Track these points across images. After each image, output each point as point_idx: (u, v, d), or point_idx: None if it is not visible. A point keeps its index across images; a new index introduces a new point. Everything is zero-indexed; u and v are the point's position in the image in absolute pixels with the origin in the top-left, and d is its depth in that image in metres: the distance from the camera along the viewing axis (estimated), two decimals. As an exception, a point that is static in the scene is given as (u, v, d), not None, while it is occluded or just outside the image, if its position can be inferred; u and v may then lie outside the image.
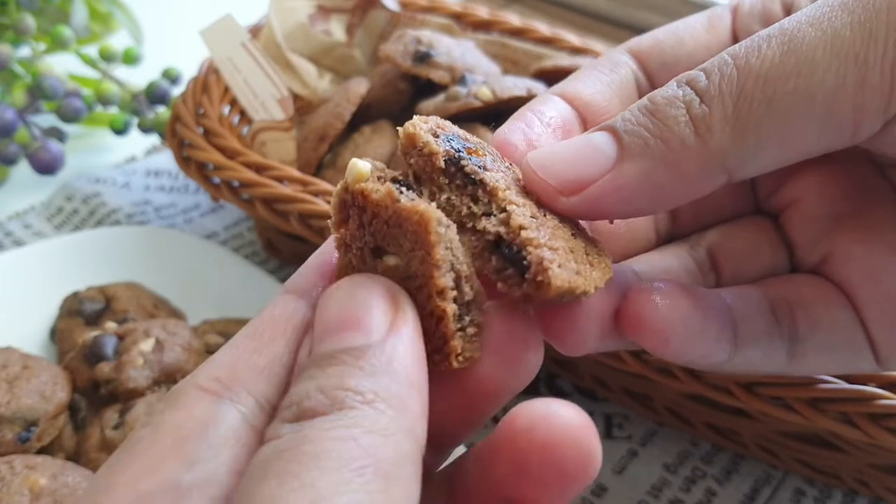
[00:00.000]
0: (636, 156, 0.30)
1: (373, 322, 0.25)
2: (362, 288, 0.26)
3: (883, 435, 0.43)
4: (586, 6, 1.16)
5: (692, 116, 0.29)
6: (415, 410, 0.24)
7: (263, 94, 0.66)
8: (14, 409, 0.50)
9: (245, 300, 0.63)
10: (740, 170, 0.30)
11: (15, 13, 0.80)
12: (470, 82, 0.62)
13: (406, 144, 0.30)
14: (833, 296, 0.36)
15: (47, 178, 0.78)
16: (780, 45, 0.29)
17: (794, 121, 0.29)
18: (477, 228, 0.29)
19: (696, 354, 0.33)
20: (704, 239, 0.39)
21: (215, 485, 0.23)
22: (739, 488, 0.55)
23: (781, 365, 0.35)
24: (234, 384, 0.25)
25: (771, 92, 0.29)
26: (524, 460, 0.25)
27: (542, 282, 0.27)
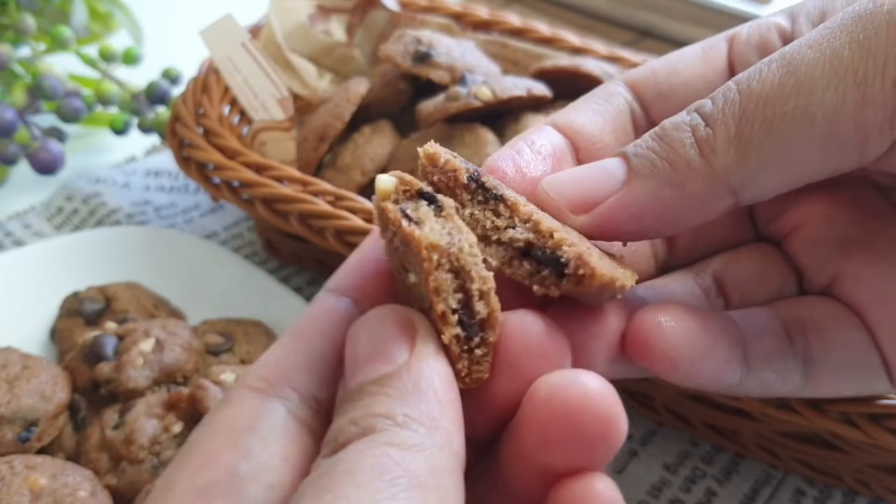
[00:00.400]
0: (643, 176, 0.31)
1: (394, 349, 0.26)
2: (378, 321, 0.27)
3: (883, 435, 0.43)
4: (586, 6, 1.16)
5: (697, 139, 0.30)
6: (447, 425, 0.25)
7: (263, 94, 0.66)
8: (14, 409, 0.50)
9: (245, 300, 0.63)
10: (746, 191, 0.30)
11: (15, 13, 0.80)
12: (470, 82, 0.62)
13: (427, 164, 0.30)
14: (846, 316, 0.35)
15: (47, 178, 0.78)
16: (780, 67, 0.30)
17: (794, 140, 0.29)
18: (502, 240, 0.30)
19: (706, 377, 0.32)
20: (710, 266, 0.39)
21: (269, 473, 0.25)
22: (739, 488, 0.55)
23: (796, 387, 0.35)
24: (278, 381, 0.27)
25: (771, 113, 0.29)
26: (547, 430, 0.25)
27: (584, 274, 0.28)
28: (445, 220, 0.28)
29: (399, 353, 0.26)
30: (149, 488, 0.47)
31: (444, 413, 0.25)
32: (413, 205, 0.28)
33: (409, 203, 0.28)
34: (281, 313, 0.62)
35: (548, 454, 0.26)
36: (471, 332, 0.27)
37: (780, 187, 0.31)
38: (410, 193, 0.29)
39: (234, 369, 0.53)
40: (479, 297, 0.27)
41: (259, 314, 0.62)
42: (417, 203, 0.28)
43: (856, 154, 0.30)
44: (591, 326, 0.31)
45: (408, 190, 0.29)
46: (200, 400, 0.50)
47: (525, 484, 0.27)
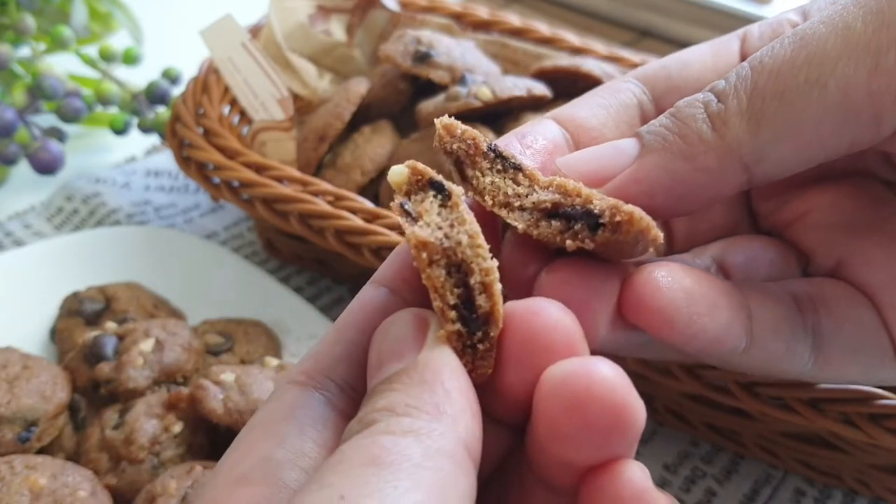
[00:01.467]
0: (655, 150, 0.31)
1: (403, 348, 0.26)
2: (395, 324, 0.27)
3: (883, 435, 0.43)
4: (586, 6, 1.16)
5: (709, 114, 0.30)
6: (451, 412, 0.24)
7: (263, 94, 0.66)
8: (14, 409, 0.50)
9: (245, 300, 0.63)
10: (759, 165, 0.30)
11: (15, 13, 0.80)
12: (470, 82, 0.62)
13: (444, 135, 0.31)
14: (856, 297, 0.35)
15: (47, 178, 0.78)
16: (792, 42, 0.30)
17: (807, 110, 0.29)
18: (525, 206, 0.30)
19: (706, 340, 0.31)
20: (707, 250, 0.38)
21: (305, 458, 0.26)
22: (739, 488, 0.55)
23: (804, 364, 0.34)
24: (317, 374, 0.28)
25: (783, 85, 0.29)
26: (557, 426, 0.25)
27: (621, 221, 0.28)
28: (451, 211, 0.28)
29: (408, 351, 0.26)
30: (149, 488, 0.47)
31: (449, 401, 0.25)
32: (420, 196, 0.28)
33: (419, 194, 0.28)
34: (281, 313, 0.62)
35: (562, 449, 0.25)
36: (473, 327, 0.27)
37: (794, 163, 0.30)
38: (422, 183, 0.29)
39: (234, 369, 0.53)
40: (481, 290, 0.27)
41: (259, 314, 0.62)
42: (425, 194, 0.28)
43: (871, 126, 0.29)
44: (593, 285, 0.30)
45: (420, 179, 0.29)
46: (200, 400, 0.50)
47: (555, 475, 0.27)
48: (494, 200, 0.30)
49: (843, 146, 0.30)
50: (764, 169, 0.30)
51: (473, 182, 0.31)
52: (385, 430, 0.24)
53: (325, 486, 0.22)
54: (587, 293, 0.29)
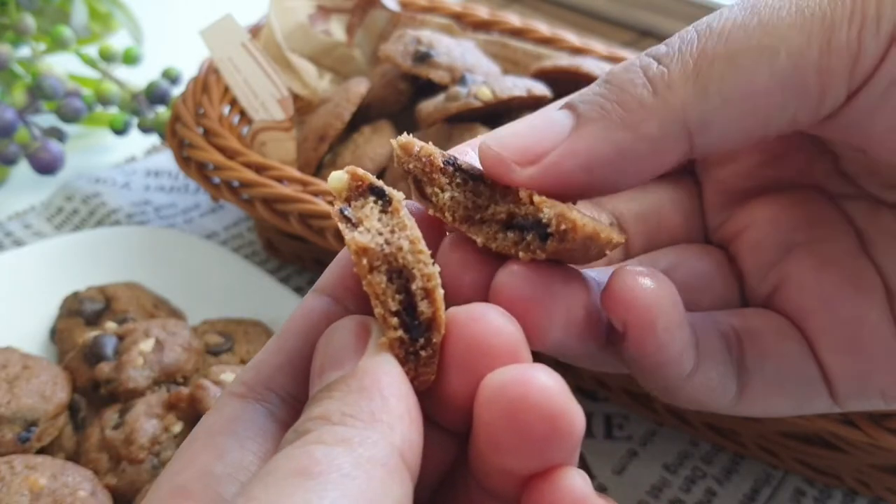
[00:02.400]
0: (593, 120, 0.29)
1: (344, 356, 0.26)
2: (333, 332, 0.27)
3: (883, 435, 0.43)
4: (586, 6, 1.16)
5: (649, 78, 0.29)
6: (387, 419, 0.24)
7: (263, 94, 0.66)
8: (14, 409, 0.50)
9: (245, 300, 0.63)
10: (703, 133, 0.28)
11: (15, 13, 0.80)
12: (470, 82, 0.62)
13: (402, 154, 0.30)
14: (785, 328, 0.34)
15: (47, 178, 0.78)
16: (743, 8, 0.29)
17: (757, 75, 0.28)
18: (485, 218, 0.29)
19: (668, 355, 0.30)
20: (659, 263, 0.36)
21: (245, 472, 0.25)
22: (739, 488, 0.55)
23: (731, 398, 0.33)
24: (258, 385, 0.28)
25: (733, 47, 0.28)
26: (494, 432, 0.25)
27: (566, 229, 0.27)
28: (392, 216, 0.28)
29: (350, 359, 0.26)
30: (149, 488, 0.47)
31: (385, 408, 0.24)
32: (361, 202, 0.28)
33: (360, 200, 0.28)
34: (281, 313, 0.62)
35: (501, 457, 0.25)
36: (415, 333, 0.26)
37: (737, 134, 0.29)
38: (363, 188, 0.28)
39: (234, 369, 0.53)
40: (423, 296, 0.27)
41: (259, 314, 0.62)
42: (366, 200, 0.28)
43: (815, 103, 0.28)
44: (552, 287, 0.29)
45: (360, 185, 0.28)
46: (200, 400, 0.50)
47: (497, 483, 0.26)
48: (455, 216, 0.30)
49: (785, 120, 0.29)
50: (707, 137, 0.29)
51: (433, 199, 0.30)
52: (317, 440, 0.23)
53: (251, 500, 0.22)
54: (546, 292, 0.28)
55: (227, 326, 0.60)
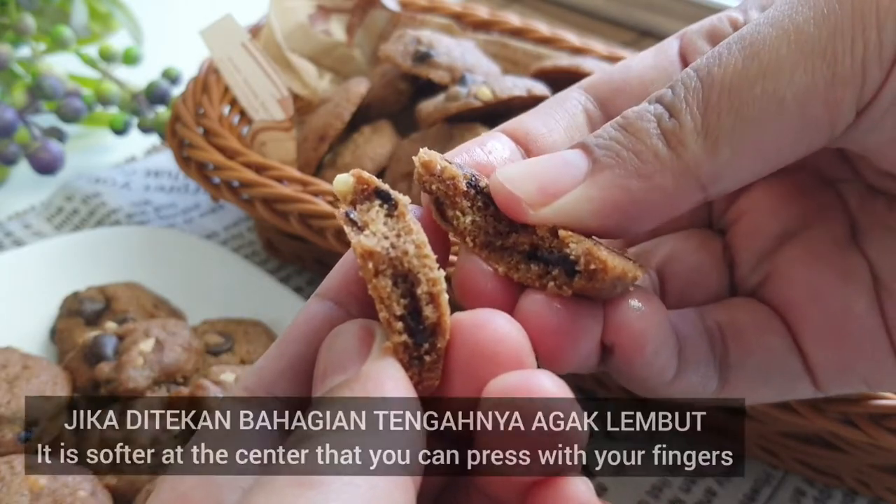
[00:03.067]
0: (609, 167, 0.29)
1: (347, 360, 0.26)
2: (340, 335, 0.27)
3: (883, 435, 0.43)
4: (586, 6, 1.16)
5: (663, 130, 0.29)
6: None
7: (263, 94, 0.66)
8: (14, 409, 0.50)
9: (245, 300, 0.63)
10: (717, 184, 0.29)
11: (15, 13, 0.80)
12: (470, 82, 0.62)
13: (423, 172, 0.30)
14: (769, 321, 0.34)
15: (47, 178, 0.78)
16: (741, 50, 0.29)
17: (767, 126, 0.28)
18: (506, 245, 0.29)
19: (654, 369, 0.31)
20: (655, 257, 0.37)
21: (247, 479, 0.25)
22: (739, 488, 0.55)
23: (711, 391, 0.34)
24: (259, 390, 0.28)
25: (738, 100, 0.28)
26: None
27: (596, 269, 0.27)
28: (397, 220, 0.27)
29: (354, 363, 0.26)
30: (149, 488, 0.47)
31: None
32: (366, 205, 0.28)
33: (365, 203, 0.28)
34: (281, 313, 0.62)
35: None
36: (419, 338, 0.26)
37: (751, 177, 0.30)
38: (368, 192, 0.28)
39: (234, 369, 0.53)
40: (428, 301, 0.26)
41: (259, 314, 0.62)
42: (371, 203, 0.28)
43: (826, 132, 0.29)
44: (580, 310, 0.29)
45: (365, 188, 0.28)
46: (200, 400, 0.50)
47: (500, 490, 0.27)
48: (475, 241, 0.30)
49: (798, 154, 0.29)
50: (721, 186, 0.29)
51: (454, 223, 0.30)
52: (319, 446, 0.23)
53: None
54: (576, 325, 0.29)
55: (227, 326, 0.60)
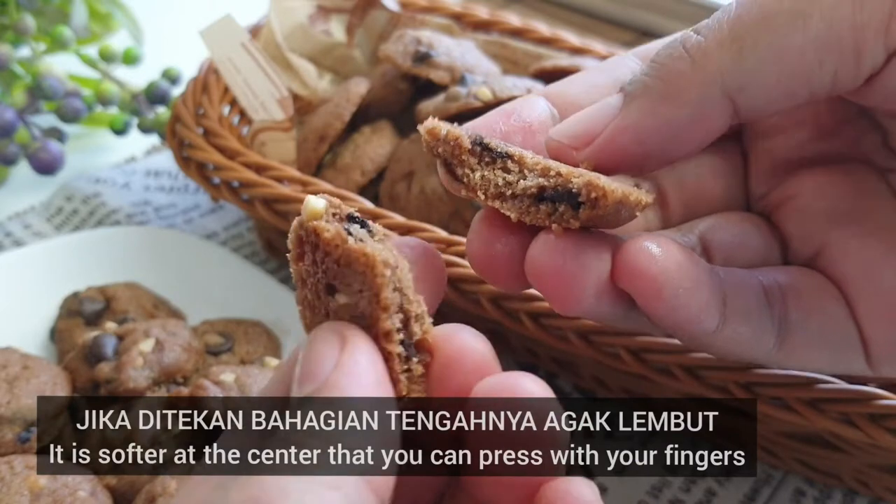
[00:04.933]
0: (637, 96, 0.31)
1: (320, 367, 0.26)
2: (313, 341, 0.27)
3: (883, 435, 0.43)
4: (586, 6, 1.16)
5: (687, 48, 0.30)
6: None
7: (263, 94, 0.66)
8: (14, 409, 0.50)
9: (245, 300, 0.63)
10: (743, 95, 0.30)
11: (15, 13, 0.80)
12: (470, 82, 0.62)
13: (430, 139, 0.31)
14: (827, 288, 0.35)
15: (47, 178, 0.78)
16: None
17: (791, 37, 0.29)
18: (516, 193, 0.30)
19: (686, 316, 0.31)
20: (697, 226, 0.38)
21: None
22: (739, 488, 0.55)
23: (768, 350, 0.34)
24: None
25: (766, 12, 0.29)
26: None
27: (598, 197, 0.29)
28: (381, 242, 0.28)
29: (324, 369, 0.26)
30: (149, 488, 0.47)
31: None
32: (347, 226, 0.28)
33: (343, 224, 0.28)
34: (281, 313, 0.62)
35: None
36: (410, 351, 0.27)
37: (778, 95, 0.30)
38: (340, 217, 0.28)
39: (234, 369, 0.53)
40: (416, 318, 0.28)
41: (259, 314, 0.62)
42: (350, 225, 0.28)
43: (853, 61, 0.29)
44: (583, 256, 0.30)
45: (337, 213, 0.28)
46: (200, 400, 0.50)
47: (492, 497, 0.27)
48: (487, 194, 0.31)
49: (826, 80, 0.30)
50: (747, 99, 0.30)
51: (465, 181, 0.31)
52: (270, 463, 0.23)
53: None
54: (577, 263, 0.30)
55: (227, 326, 0.60)
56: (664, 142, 0.31)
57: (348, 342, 0.26)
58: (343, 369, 0.25)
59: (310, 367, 0.26)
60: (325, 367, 0.26)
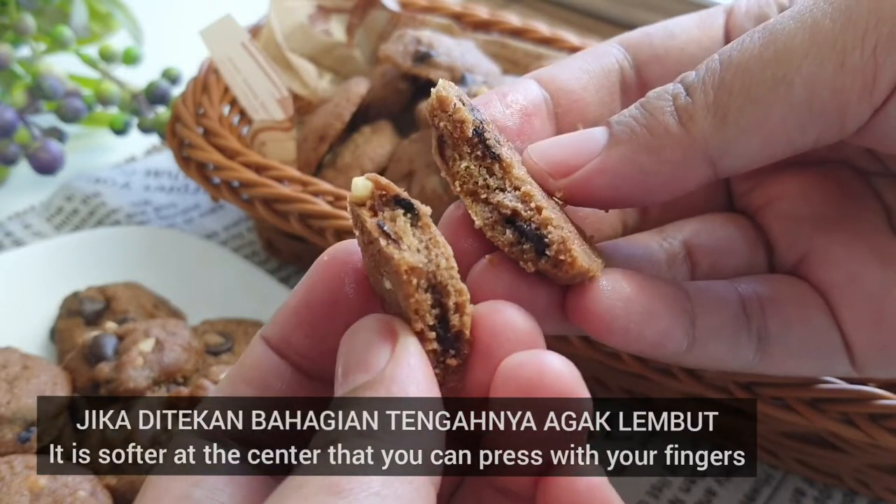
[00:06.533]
0: (621, 142, 0.31)
1: (374, 358, 0.26)
2: (361, 331, 0.27)
3: (883, 435, 0.43)
4: (586, 6, 1.16)
5: (677, 107, 0.30)
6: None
7: (263, 94, 0.66)
8: (14, 409, 0.50)
9: (245, 300, 0.63)
10: (724, 160, 0.30)
11: (15, 13, 0.80)
12: (470, 82, 0.62)
13: (436, 107, 0.31)
14: (809, 297, 0.35)
15: (47, 178, 0.78)
16: (762, 38, 0.30)
17: (773, 108, 0.29)
18: (490, 201, 0.30)
19: (645, 343, 0.32)
20: (681, 231, 0.38)
21: (221, 495, 0.26)
22: (740, 488, 0.55)
23: (748, 363, 0.34)
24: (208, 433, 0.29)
25: (749, 80, 0.29)
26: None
27: (565, 261, 0.29)
28: (423, 231, 0.28)
29: (379, 361, 0.26)
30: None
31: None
32: (389, 213, 0.28)
33: (385, 210, 0.28)
34: (281, 313, 0.62)
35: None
36: (446, 344, 0.27)
37: (760, 158, 0.31)
38: (386, 198, 0.28)
39: (234, 369, 0.53)
40: (455, 310, 0.27)
41: (259, 314, 0.62)
42: (393, 211, 0.28)
43: (836, 123, 0.29)
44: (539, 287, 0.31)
45: (384, 194, 0.28)
46: (200, 400, 0.50)
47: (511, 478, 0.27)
48: (463, 188, 0.30)
49: (808, 142, 0.30)
50: (728, 163, 0.30)
51: (449, 163, 0.31)
52: (346, 451, 0.23)
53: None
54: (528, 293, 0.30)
55: (227, 326, 0.60)
56: (639, 191, 0.31)
57: (400, 335, 0.26)
58: (400, 362, 0.26)
59: (360, 356, 0.26)
60: (379, 358, 0.26)
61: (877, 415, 0.43)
